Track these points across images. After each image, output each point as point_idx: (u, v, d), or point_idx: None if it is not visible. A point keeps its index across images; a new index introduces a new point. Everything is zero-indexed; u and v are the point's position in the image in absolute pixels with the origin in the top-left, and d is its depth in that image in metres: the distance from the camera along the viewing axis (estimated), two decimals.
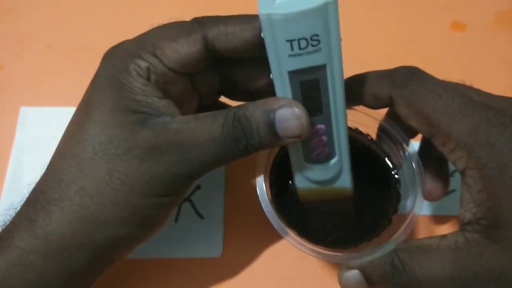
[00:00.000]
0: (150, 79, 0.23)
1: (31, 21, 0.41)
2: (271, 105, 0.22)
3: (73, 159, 0.22)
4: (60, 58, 0.39)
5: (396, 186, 0.30)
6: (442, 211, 0.34)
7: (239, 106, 0.22)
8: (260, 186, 0.27)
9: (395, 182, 0.30)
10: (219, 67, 0.26)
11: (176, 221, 0.33)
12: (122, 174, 0.21)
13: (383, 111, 0.29)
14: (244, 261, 0.32)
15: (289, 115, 0.22)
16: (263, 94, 0.26)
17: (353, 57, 0.27)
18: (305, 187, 0.27)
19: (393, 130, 0.29)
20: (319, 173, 0.26)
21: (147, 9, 0.42)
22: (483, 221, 0.21)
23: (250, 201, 0.33)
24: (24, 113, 0.36)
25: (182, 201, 0.33)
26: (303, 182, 0.27)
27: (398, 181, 0.30)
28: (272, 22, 0.19)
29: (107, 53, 0.24)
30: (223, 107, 0.30)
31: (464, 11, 0.43)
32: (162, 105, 0.23)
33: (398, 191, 0.30)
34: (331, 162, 0.26)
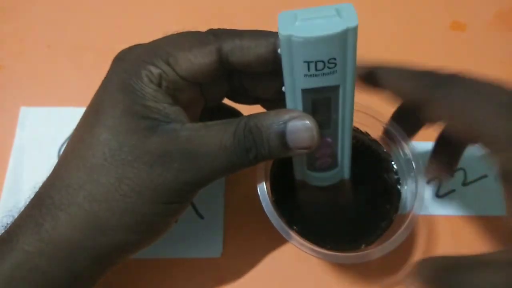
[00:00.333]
0: (161, 86, 0.23)
1: (31, 21, 0.41)
2: (282, 116, 0.22)
3: (83, 164, 0.22)
4: (60, 58, 0.39)
5: (396, 186, 0.30)
6: (442, 211, 0.34)
7: (250, 116, 0.23)
8: (261, 186, 0.27)
9: (395, 182, 0.30)
10: (229, 76, 0.26)
11: (176, 221, 0.33)
12: (131, 180, 0.21)
13: (383, 111, 0.29)
14: (244, 261, 0.32)
15: (300, 127, 0.22)
16: (270, 102, 0.27)
17: None
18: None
19: (394, 130, 0.29)
20: (319, 179, 0.27)
21: (147, 9, 0.42)
22: None
23: (250, 201, 0.33)
24: (24, 113, 0.36)
25: None
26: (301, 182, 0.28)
27: (398, 181, 0.30)
28: (291, 43, 0.19)
29: (118, 57, 0.24)
30: (227, 110, 0.30)
31: (464, 11, 0.43)
32: (172, 112, 0.23)
33: (398, 190, 0.30)
34: (332, 172, 0.26)
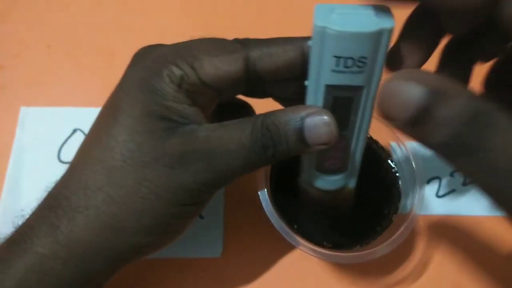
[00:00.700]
0: (181, 87, 0.22)
1: (31, 21, 0.41)
2: (300, 112, 0.22)
3: (101, 165, 0.22)
4: (60, 58, 0.39)
5: (396, 185, 0.30)
6: (442, 211, 0.34)
7: (266, 114, 0.22)
8: (261, 186, 0.27)
9: (395, 182, 0.30)
10: (249, 81, 0.25)
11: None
12: (150, 182, 0.21)
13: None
14: (244, 261, 0.32)
15: (319, 122, 0.21)
16: (284, 99, 0.26)
17: None
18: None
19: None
20: (324, 182, 0.26)
21: (147, 9, 0.42)
22: None
23: (250, 201, 0.33)
24: (24, 113, 0.36)
25: None
26: (307, 183, 0.27)
27: (398, 180, 0.30)
28: (324, 35, 0.19)
29: (138, 55, 0.24)
30: (237, 103, 0.29)
31: None
32: (191, 113, 0.23)
33: (398, 190, 0.30)
34: (339, 175, 0.26)
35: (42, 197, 0.23)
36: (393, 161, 0.31)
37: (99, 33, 0.40)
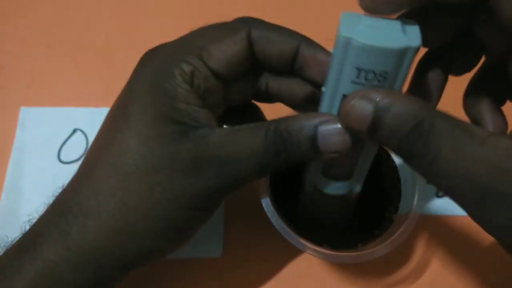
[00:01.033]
0: (193, 85, 0.22)
1: (31, 21, 0.41)
2: (313, 120, 0.21)
3: (113, 171, 0.21)
4: (60, 58, 0.39)
5: (397, 185, 0.30)
6: (442, 211, 0.34)
7: (279, 120, 0.22)
8: (261, 186, 0.27)
9: (395, 182, 0.30)
10: (254, 77, 0.25)
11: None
12: (163, 188, 0.21)
13: None
14: (244, 261, 0.32)
15: (332, 131, 0.21)
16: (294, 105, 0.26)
17: None
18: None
19: None
20: (329, 187, 0.26)
21: (148, 8, 0.42)
22: None
23: (250, 201, 0.33)
24: (24, 113, 0.36)
25: None
26: (311, 185, 0.27)
27: (399, 180, 0.30)
28: (348, 46, 0.19)
29: (145, 58, 0.24)
30: (248, 106, 0.29)
31: None
32: (202, 115, 0.22)
33: (399, 190, 0.30)
34: (344, 182, 0.26)
35: (50, 202, 0.23)
36: (393, 161, 0.31)
37: (99, 33, 0.40)
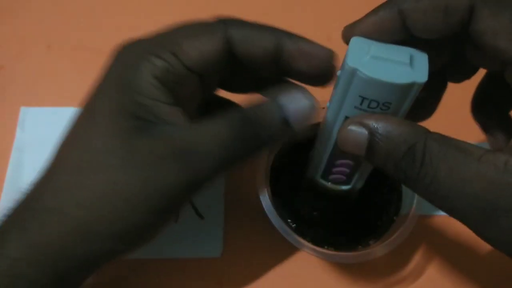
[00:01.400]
0: (163, 80, 0.22)
1: (31, 21, 0.40)
2: (279, 97, 0.22)
3: (72, 167, 0.21)
4: (60, 58, 0.39)
5: (397, 186, 0.30)
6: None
7: (244, 106, 0.22)
8: (261, 186, 0.27)
9: (396, 182, 0.30)
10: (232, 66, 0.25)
11: (176, 221, 0.33)
12: (120, 186, 0.20)
13: None
14: (244, 261, 0.32)
15: (297, 96, 0.22)
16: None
17: None
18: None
19: None
20: (326, 187, 0.27)
21: (148, 8, 0.42)
22: None
23: (250, 201, 0.33)
24: (24, 113, 0.36)
25: None
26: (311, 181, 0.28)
27: (398, 180, 0.30)
28: (354, 76, 0.19)
29: (118, 51, 0.23)
30: (222, 102, 0.29)
31: None
32: (166, 111, 0.22)
33: (399, 190, 0.30)
34: (342, 187, 0.27)
35: (17, 199, 0.22)
36: None
37: (99, 33, 0.40)
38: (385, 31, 0.20)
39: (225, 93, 0.27)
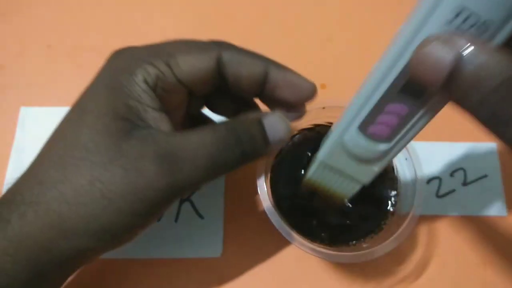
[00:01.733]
0: (154, 87, 0.22)
1: (31, 21, 0.41)
2: (259, 114, 0.24)
3: (59, 162, 0.21)
4: (60, 58, 0.39)
5: (396, 185, 0.30)
6: (442, 211, 0.34)
7: (228, 120, 0.24)
8: (261, 186, 0.27)
9: (396, 182, 0.30)
10: (219, 95, 0.27)
11: (176, 221, 0.33)
12: (103, 184, 0.21)
13: None
14: (244, 261, 0.32)
15: (275, 118, 0.24)
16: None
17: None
18: (314, 179, 0.27)
19: None
20: (359, 147, 0.23)
21: (147, 9, 0.42)
22: None
23: (250, 201, 0.33)
24: (24, 113, 0.36)
25: (182, 201, 0.33)
26: (331, 154, 0.24)
27: (398, 181, 0.30)
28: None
29: (112, 55, 0.24)
30: (209, 121, 0.30)
31: None
32: (153, 116, 0.22)
33: (399, 190, 0.30)
34: (379, 146, 0.22)
35: (2, 193, 0.22)
36: (393, 161, 0.31)
37: (99, 33, 0.40)
38: None
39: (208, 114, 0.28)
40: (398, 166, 0.31)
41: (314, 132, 0.32)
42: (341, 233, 0.29)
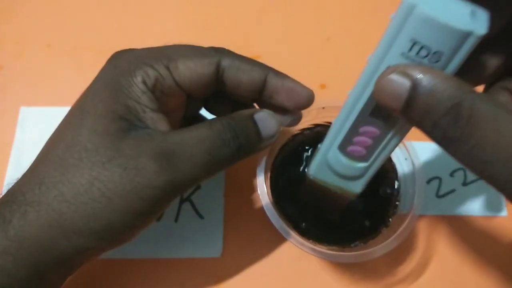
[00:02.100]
0: (153, 88, 0.23)
1: (31, 21, 0.40)
2: (250, 110, 0.25)
3: (59, 162, 0.21)
4: (60, 58, 0.39)
5: (396, 185, 0.30)
6: (442, 211, 0.34)
7: (222, 116, 0.24)
8: (261, 186, 0.27)
9: (395, 182, 0.30)
10: (216, 99, 0.27)
11: (176, 221, 0.33)
12: (103, 184, 0.21)
13: None
14: (244, 261, 0.32)
15: (266, 114, 0.24)
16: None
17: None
18: (315, 178, 0.27)
19: None
20: (341, 165, 0.25)
21: (147, 9, 0.42)
22: None
23: (250, 201, 0.33)
24: (24, 113, 0.36)
25: (182, 201, 0.33)
26: (318, 169, 0.26)
27: (398, 180, 0.30)
28: (411, 13, 0.17)
29: (112, 57, 0.24)
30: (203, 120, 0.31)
31: None
32: (151, 117, 0.23)
33: (398, 190, 0.30)
34: (358, 164, 0.24)
35: (3, 193, 0.23)
36: (393, 161, 0.31)
37: (99, 33, 0.40)
38: None
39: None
40: (398, 166, 0.31)
41: (314, 132, 0.32)
42: (341, 233, 0.29)
